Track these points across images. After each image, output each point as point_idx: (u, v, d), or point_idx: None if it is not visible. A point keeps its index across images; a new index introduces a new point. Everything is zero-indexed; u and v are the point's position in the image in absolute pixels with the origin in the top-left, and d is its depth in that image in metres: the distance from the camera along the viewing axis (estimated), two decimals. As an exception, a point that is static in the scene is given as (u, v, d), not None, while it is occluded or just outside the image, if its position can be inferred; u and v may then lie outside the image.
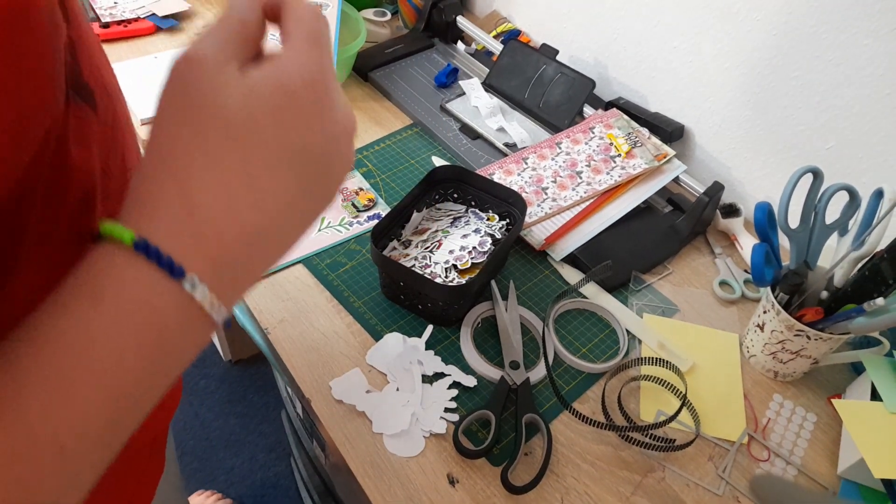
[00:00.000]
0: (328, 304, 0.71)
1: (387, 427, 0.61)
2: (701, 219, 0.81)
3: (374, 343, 0.68)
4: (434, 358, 0.66)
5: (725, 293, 0.77)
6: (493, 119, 0.94)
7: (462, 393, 0.64)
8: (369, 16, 1.07)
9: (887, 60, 0.67)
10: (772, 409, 0.67)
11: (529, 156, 0.86)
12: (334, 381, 0.64)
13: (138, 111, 0.89)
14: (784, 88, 0.77)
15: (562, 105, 0.93)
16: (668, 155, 0.85)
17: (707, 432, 0.64)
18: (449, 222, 0.76)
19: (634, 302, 0.75)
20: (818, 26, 0.71)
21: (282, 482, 1.37)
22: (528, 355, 0.69)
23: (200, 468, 1.37)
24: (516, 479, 0.58)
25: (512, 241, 0.71)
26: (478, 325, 0.71)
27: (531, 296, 0.74)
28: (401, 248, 0.73)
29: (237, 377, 1.54)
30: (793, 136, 0.79)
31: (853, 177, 0.74)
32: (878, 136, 0.71)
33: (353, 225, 0.79)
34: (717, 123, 0.87)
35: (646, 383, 0.68)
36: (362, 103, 0.98)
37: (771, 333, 0.66)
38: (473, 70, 1.03)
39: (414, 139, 0.93)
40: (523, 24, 1.12)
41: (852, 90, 0.71)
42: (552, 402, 0.65)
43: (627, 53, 0.94)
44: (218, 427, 1.45)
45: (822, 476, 0.62)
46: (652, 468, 0.61)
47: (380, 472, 0.58)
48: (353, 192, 0.83)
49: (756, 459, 0.63)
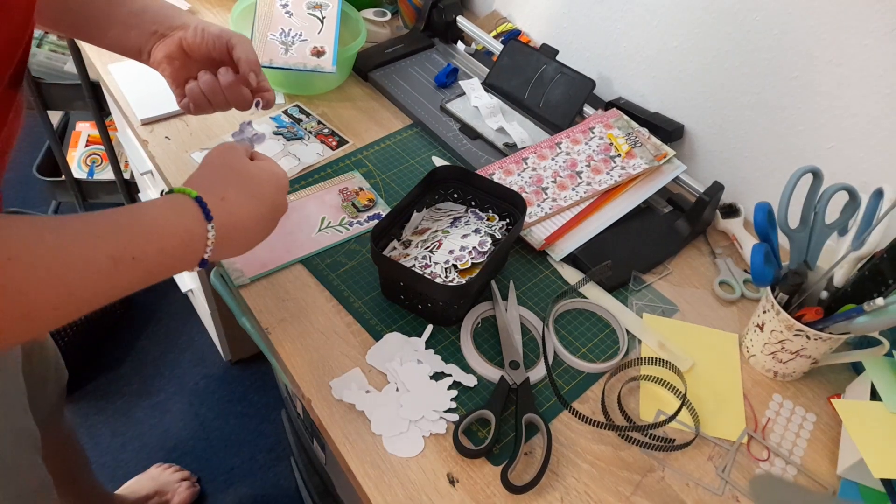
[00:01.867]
0: (328, 304, 0.71)
1: (386, 427, 0.61)
2: (701, 219, 0.81)
3: (374, 343, 0.68)
4: (434, 358, 0.66)
5: (725, 293, 0.77)
6: (493, 119, 0.94)
7: (462, 393, 0.64)
8: (369, 16, 1.07)
9: (887, 60, 0.67)
10: (771, 409, 0.67)
11: (529, 156, 0.86)
12: (334, 381, 0.64)
13: (137, 111, 0.89)
14: (784, 88, 0.77)
15: (562, 105, 0.93)
16: (668, 155, 0.85)
17: (707, 432, 0.64)
18: (449, 222, 0.76)
19: (634, 302, 0.75)
20: (818, 26, 0.71)
21: (282, 482, 1.37)
22: (528, 355, 0.69)
23: (200, 468, 1.37)
24: (516, 479, 0.58)
25: (512, 241, 0.71)
26: (478, 325, 0.71)
27: (531, 296, 0.74)
28: (401, 248, 0.73)
29: (237, 377, 1.54)
30: (793, 136, 0.79)
31: (853, 177, 0.74)
32: (878, 136, 0.71)
33: (354, 225, 0.79)
34: (717, 123, 0.87)
35: (646, 383, 0.68)
36: (362, 103, 0.98)
37: (771, 333, 0.66)
38: (473, 70, 1.03)
39: (414, 139, 0.93)
40: (523, 24, 1.12)
41: (852, 90, 0.71)
42: (552, 402, 0.65)
43: (627, 53, 0.94)
44: (218, 427, 1.45)
45: (822, 476, 0.62)
46: (652, 468, 0.61)
47: (380, 472, 0.58)
48: (353, 192, 0.83)
49: (756, 459, 0.63)
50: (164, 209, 0.48)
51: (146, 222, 0.45)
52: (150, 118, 0.89)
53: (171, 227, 0.47)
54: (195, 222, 0.49)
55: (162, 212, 0.47)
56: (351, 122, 0.94)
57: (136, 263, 0.43)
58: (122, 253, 0.42)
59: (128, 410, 1.45)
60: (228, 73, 0.67)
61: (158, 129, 0.89)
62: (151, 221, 0.46)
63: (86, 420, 1.42)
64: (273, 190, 0.57)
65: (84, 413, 1.44)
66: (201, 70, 0.67)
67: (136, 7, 0.66)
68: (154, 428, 1.43)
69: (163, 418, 1.45)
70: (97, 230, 0.42)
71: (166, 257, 0.46)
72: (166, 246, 0.46)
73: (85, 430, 1.41)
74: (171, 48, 0.66)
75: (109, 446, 1.39)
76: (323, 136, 0.90)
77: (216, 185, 0.52)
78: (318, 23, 0.92)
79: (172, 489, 1.30)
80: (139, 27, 0.65)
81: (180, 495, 1.29)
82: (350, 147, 0.90)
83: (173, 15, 0.66)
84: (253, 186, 0.55)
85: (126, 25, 0.66)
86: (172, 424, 1.44)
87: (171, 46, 0.66)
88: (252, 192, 0.54)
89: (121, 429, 1.42)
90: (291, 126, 0.91)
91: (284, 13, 0.92)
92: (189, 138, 0.88)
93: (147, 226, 0.45)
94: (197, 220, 0.49)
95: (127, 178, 1.63)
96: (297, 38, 0.91)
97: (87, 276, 0.41)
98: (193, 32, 0.65)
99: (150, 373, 1.52)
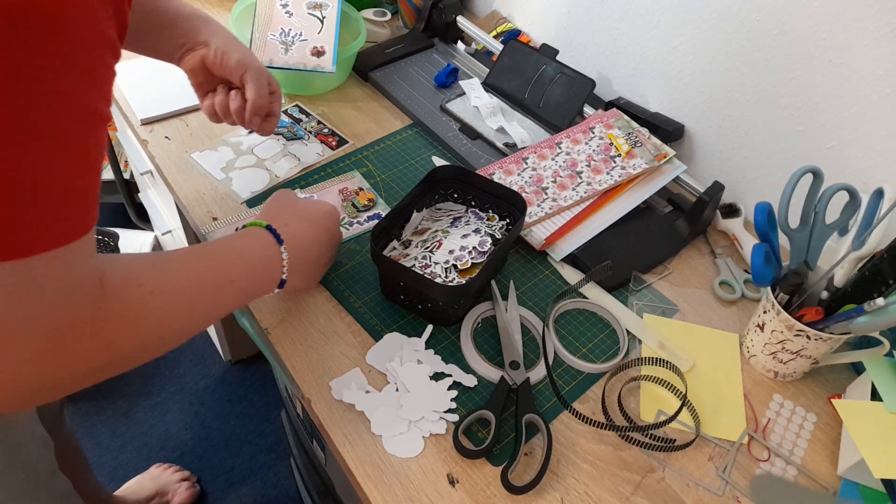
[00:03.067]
0: (328, 304, 0.71)
1: (386, 427, 0.61)
2: (701, 219, 0.81)
3: (374, 343, 0.68)
4: (434, 358, 0.66)
5: (725, 293, 0.77)
6: (493, 119, 0.94)
7: (462, 393, 0.64)
8: (369, 16, 1.07)
9: (887, 60, 0.67)
10: (772, 409, 0.67)
11: (529, 156, 0.86)
12: (334, 381, 0.64)
13: (137, 111, 0.89)
14: (784, 88, 0.77)
15: (562, 105, 0.93)
16: (668, 155, 0.85)
17: (707, 432, 0.64)
18: (449, 222, 0.76)
19: (634, 302, 0.75)
20: (818, 26, 0.71)
21: (282, 482, 1.37)
22: (528, 355, 0.69)
23: (200, 468, 1.37)
24: (516, 479, 0.58)
25: (512, 241, 0.71)
26: (478, 325, 0.71)
27: (531, 296, 0.74)
28: (401, 248, 0.73)
29: (237, 377, 1.54)
30: (793, 136, 0.79)
31: (853, 177, 0.74)
32: (878, 136, 0.71)
33: (354, 225, 0.79)
34: (717, 123, 0.87)
35: (646, 383, 0.68)
36: (362, 103, 0.98)
37: (771, 333, 0.66)
38: (473, 70, 1.03)
39: (414, 139, 0.93)
40: (523, 24, 1.12)
41: (852, 90, 0.71)
42: (552, 402, 0.65)
43: (627, 53, 0.94)
44: (218, 427, 1.45)
45: (822, 476, 0.62)
46: (652, 468, 0.61)
47: (380, 473, 0.58)
48: (353, 192, 0.83)
49: (756, 459, 0.63)
50: (245, 240, 0.57)
51: (235, 251, 0.55)
52: (150, 118, 0.89)
53: (254, 253, 0.57)
54: (270, 247, 0.58)
55: (243, 242, 0.56)
56: (351, 122, 0.94)
57: (233, 286, 0.52)
58: (223, 278, 0.51)
59: (128, 410, 1.45)
60: (238, 98, 0.72)
61: (158, 129, 0.89)
62: (239, 250, 0.55)
63: (86, 420, 1.42)
64: (325, 217, 0.67)
65: (84, 413, 1.44)
66: (220, 85, 0.74)
67: (166, 19, 0.70)
68: (154, 428, 1.43)
69: (163, 418, 1.45)
70: (204, 262, 0.51)
71: (254, 279, 0.55)
72: (253, 269, 0.56)
73: (85, 430, 1.41)
74: (194, 63, 0.71)
75: (109, 446, 1.39)
76: (323, 136, 0.90)
77: (279, 216, 0.62)
78: (318, 23, 0.92)
79: (173, 489, 1.30)
80: (170, 39, 0.71)
81: (180, 495, 1.29)
82: (350, 147, 0.90)
83: (199, 29, 0.71)
84: (310, 214, 0.66)
85: (159, 37, 0.71)
86: (172, 424, 1.44)
87: (195, 61, 0.71)
88: (310, 219, 0.65)
89: (121, 429, 1.42)
90: (291, 126, 0.91)
91: (284, 13, 0.92)
92: (189, 138, 0.88)
93: (236, 254, 0.55)
94: (271, 245, 0.59)
95: (127, 178, 1.63)
96: (297, 38, 0.91)
97: (203, 301, 0.49)
98: (214, 54, 0.70)
99: (151, 373, 1.52)
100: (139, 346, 0.45)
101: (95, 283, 0.41)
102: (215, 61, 0.70)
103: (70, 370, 0.41)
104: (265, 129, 0.77)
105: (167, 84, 0.93)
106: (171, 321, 0.46)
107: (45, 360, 0.39)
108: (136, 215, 1.68)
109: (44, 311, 0.38)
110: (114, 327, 0.42)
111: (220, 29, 0.72)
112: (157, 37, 0.71)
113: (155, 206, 1.41)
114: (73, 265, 0.38)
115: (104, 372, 0.44)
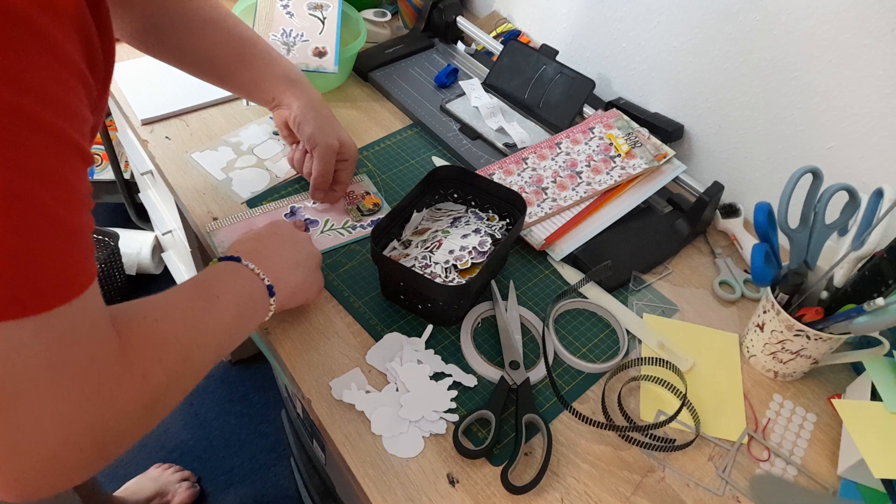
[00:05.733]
0: (328, 304, 0.71)
1: (386, 427, 0.61)
2: (701, 219, 0.81)
3: (374, 343, 0.68)
4: (434, 358, 0.66)
5: (725, 293, 0.77)
6: (493, 119, 0.94)
7: (462, 393, 0.64)
8: (369, 16, 1.07)
9: (887, 60, 0.67)
10: (772, 409, 0.67)
11: (529, 156, 0.86)
12: (334, 381, 0.64)
13: (138, 111, 0.89)
14: (784, 88, 0.77)
15: (562, 105, 0.93)
16: (668, 155, 0.85)
17: (707, 432, 0.64)
18: (449, 222, 0.76)
19: (634, 302, 0.75)
20: (818, 26, 0.71)
21: (282, 482, 1.37)
22: (528, 355, 0.69)
23: (200, 468, 1.37)
24: (516, 479, 0.58)
25: (512, 241, 0.71)
26: (478, 325, 0.71)
27: (531, 296, 0.74)
28: (401, 248, 0.73)
29: (237, 377, 1.54)
30: (793, 136, 0.79)
31: (853, 177, 0.74)
32: (878, 136, 0.71)
33: (357, 228, 0.79)
34: (717, 123, 0.87)
35: (646, 383, 0.68)
36: (362, 103, 0.98)
37: (771, 333, 0.66)
38: (473, 70, 1.03)
39: (414, 139, 0.93)
40: (523, 24, 1.12)
41: (852, 90, 0.71)
42: (552, 402, 0.65)
43: (627, 53, 0.94)
44: (218, 427, 1.45)
45: (822, 476, 0.62)
46: (652, 468, 0.61)
47: (380, 473, 0.58)
48: (358, 196, 0.83)
49: (756, 459, 0.63)
50: (216, 266, 0.59)
51: (210, 274, 0.57)
52: (151, 118, 0.89)
53: (229, 270, 0.58)
54: (244, 268, 0.60)
55: (216, 267, 0.59)
56: (351, 122, 0.94)
57: (220, 301, 0.54)
58: (210, 294, 0.54)
59: (128, 410, 1.45)
60: (310, 165, 0.77)
61: (158, 129, 0.89)
62: (212, 273, 0.57)
63: (86, 420, 1.42)
64: (291, 232, 0.68)
65: (84, 413, 1.43)
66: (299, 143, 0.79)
67: (255, 74, 0.76)
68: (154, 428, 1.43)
69: (163, 418, 1.44)
70: (187, 287, 0.54)
71: (239, 294, 0.57)
72: (237, 285, 0.57)
73: (85, 430, 1.41)
74: (280, 120, 0.78)
75: (109, 446, 1.39)
76: (323, 137, 0.90)
77: (268, 253, 0.63)
78: (319, 23, 0.92)
79: (172, 489, 1.30)
80: (258, 94, 0.78)
81: (180, 496, 1.29)
82: (350, 147, 0.90)
83: (283, 89, 0.76)
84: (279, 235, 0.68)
85: (246, 92, 0.80)
86: (172, 424, 1.44)
87: (281, 119, 0.78)
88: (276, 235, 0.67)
89: (121, 429, 1.42)
90: (291, 126, 0.91)
91: (285, 14, 0.92)
92: (189, 138, 0.88)
93: (213, 275, 0.57)
94: (243, 267, 0.60)
95: (127, 178, 1.63)
96: (298, 38, 0.91)
97: (203, 321, 0.52)
98: (293, 121, 0.76)
99: (151, 373, 1.52)
100: (168, 373, 0.46)
101: (109, 321, 0.41)
102: (293, 126, 0.76)
103: (115, 412, 0.41)
104: (329, 199, 0.80)
105: (167, 84, 0.93)
106: (184, 340, 0.48)
107: (86, 408, 0.38)
108: (136, 215, 1.68)
109: (74, 360, 0.37)
110: (139, 357, 0.43)
111: (304, 94, 0.76)
112: (243, 91, 0.80)
113: (155, 206, 1.41)
114: (91, 309, 0.39)
115: (150, 412, 0.45)
